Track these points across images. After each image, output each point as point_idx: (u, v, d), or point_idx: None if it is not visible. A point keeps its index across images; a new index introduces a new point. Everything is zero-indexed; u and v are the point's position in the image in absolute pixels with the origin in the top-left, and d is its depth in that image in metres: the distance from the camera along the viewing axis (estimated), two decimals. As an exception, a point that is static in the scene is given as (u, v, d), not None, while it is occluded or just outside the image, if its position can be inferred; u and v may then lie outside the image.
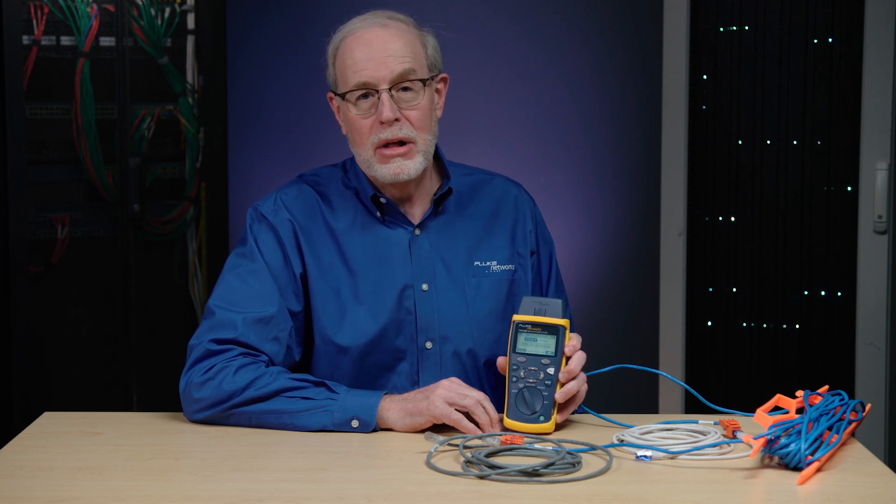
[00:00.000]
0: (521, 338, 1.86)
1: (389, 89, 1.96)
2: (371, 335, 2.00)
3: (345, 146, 2.07)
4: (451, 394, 1.82)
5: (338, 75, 2.01)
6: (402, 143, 1.98)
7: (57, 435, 1.83)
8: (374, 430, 1.85)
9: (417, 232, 2.05)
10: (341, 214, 2.05)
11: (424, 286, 2.03)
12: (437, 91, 2.05)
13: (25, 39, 3.20)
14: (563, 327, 1.86)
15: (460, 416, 1.80)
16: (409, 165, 1.98)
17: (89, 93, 3.31)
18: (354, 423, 1.84)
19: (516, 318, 1.87)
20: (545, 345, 1.85)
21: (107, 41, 3.37)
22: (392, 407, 1.85)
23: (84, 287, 3.38)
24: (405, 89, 1.97)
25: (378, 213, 2.05)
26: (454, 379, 1.87)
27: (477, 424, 1.81)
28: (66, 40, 3.30)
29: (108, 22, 3.36)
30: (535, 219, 2.15)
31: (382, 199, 2.04)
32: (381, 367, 2.02)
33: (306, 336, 2.03)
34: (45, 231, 3.29)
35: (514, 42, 3.89)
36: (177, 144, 3.52)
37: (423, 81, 1.99)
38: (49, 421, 1.92)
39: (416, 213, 2.07)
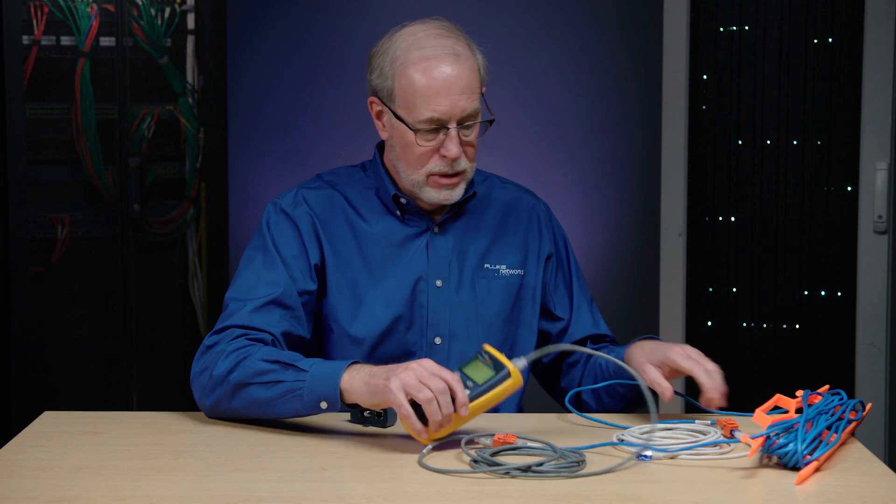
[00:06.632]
0: (474, 362, 1.78)
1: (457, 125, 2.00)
2: (384, 326, 2.04)
3: (344, 146, 2.07)
4: (412, 381, 1.70)
5: (398, 94, 2.00)
6: (456, 174, 2.03)
7: (57, 435, 1.83)
8: (343, 408, 1.80)
9: (436, 230, 2.10)
10: (360, 211, 2.09)
11: (438, 282, 2.07)
12: None
13: (25, 39, 3.20)
14: (508, 372, 1.75)
15: (410, 412, 1.70)
16: (456, 193, 2.04)
17: (89, 93, 3.31)
18: (323, 405, 1.79)
19: (486, 347, 1.79)
20: (483, 374, 1.76)
21: (107, 41, 3.36)
22: (356, 381, 1.78)
23: (84, 287, 3.38)
24: (467, 126, 2.01)
25: (398, 213, 2.09)
26: (426, 361, 1.74)
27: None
28: (66, 40, 3.30)
29: (108, 22, 3.35)
30: (550, 224, 2.20)
31: (403, 200, 2.08)
32: (391, 360, 2.02)
33: (323, 324, 2.06)
34: (45, 231, 3.29)
35: (514, 42, 3.89)
36: (177, 144, 3.52)
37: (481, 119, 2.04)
38: (49, 421, 1.92)
39: (435, 213, 2.11)
